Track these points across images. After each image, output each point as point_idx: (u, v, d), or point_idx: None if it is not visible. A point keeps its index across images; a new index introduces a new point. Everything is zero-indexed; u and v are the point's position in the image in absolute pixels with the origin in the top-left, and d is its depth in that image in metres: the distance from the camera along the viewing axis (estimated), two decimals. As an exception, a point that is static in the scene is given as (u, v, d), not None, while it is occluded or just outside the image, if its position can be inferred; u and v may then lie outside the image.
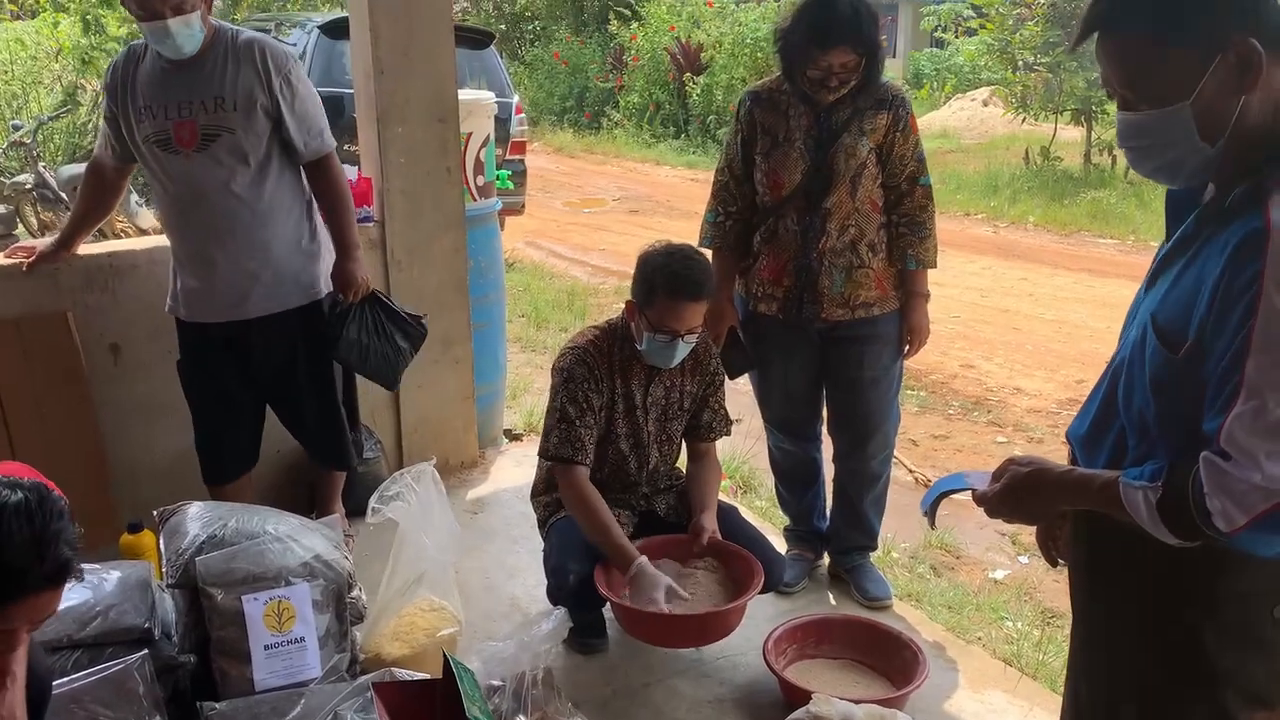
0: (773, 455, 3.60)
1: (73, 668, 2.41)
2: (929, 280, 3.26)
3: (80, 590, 2.50)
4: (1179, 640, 1.59)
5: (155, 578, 2.81)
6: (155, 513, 2.83)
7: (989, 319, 7.45)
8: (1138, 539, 1.54)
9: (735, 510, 3.32)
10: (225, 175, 3.11)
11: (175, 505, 2.82)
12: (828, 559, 3.60)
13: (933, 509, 1.91)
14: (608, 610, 3.09)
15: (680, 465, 3.34)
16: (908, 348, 3.29)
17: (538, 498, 3.29)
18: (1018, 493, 1.68)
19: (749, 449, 4.60)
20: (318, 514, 3.44)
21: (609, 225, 11.06)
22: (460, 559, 3.25)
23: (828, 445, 3.51)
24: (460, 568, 3.27)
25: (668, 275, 2.89)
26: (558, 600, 3.04)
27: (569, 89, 19.43)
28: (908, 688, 2.80)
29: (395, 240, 4.02)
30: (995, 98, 15.94)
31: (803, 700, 2.63)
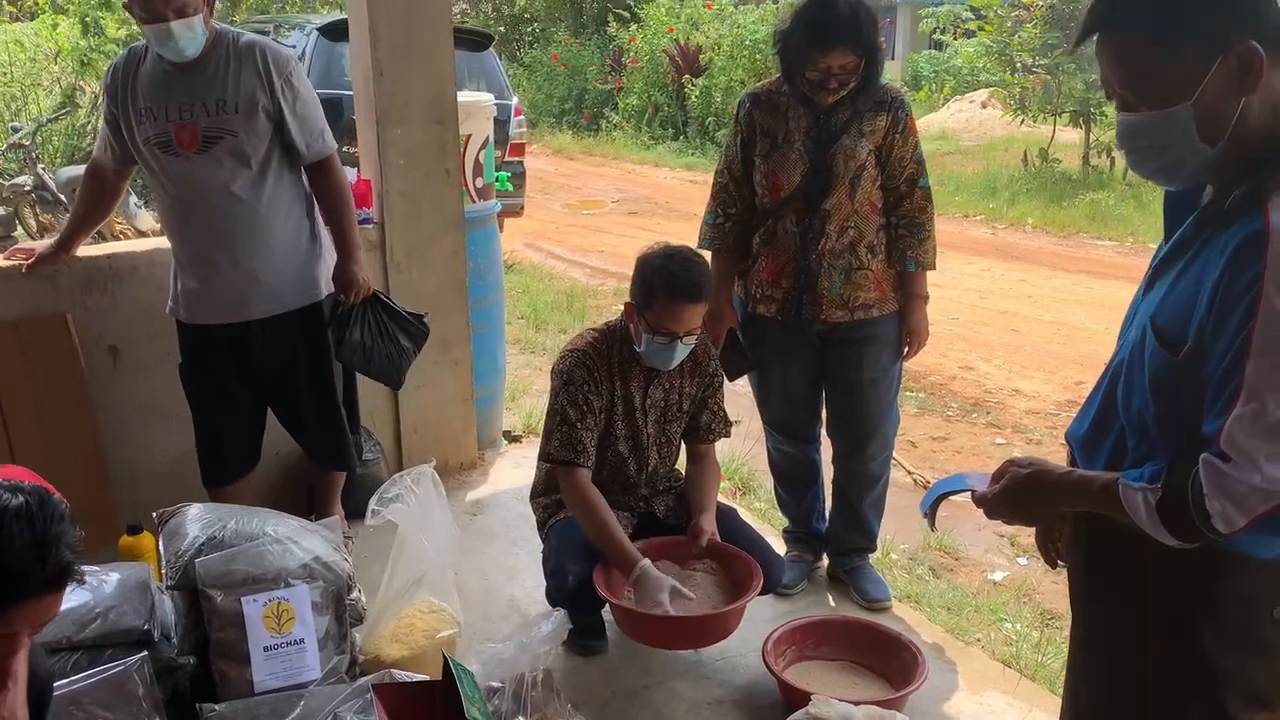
0: (772, 457, 3.60)
1: (72, 669, 2.41)
2: (928, 282, 3.26)
3: (80, 592, 2.50)
4: (1179, 642, 1.59)
5: (155, 579, 2.81)
6: (154, 514, 2.83)
7: (988, 320, 7.45)
8: (1137, 540, 1.54)
9: (734, 512, 3.32)
10: (226, 177, 3.11)
11: (175, 507, 2.82)
12: (827, 560, 3.60)
13: (932, 510, 1.91)
14: (607, 612, 3.09)
15: (679, 467, 3.34)
16: (907, 349, 3.29)
17: (537, 499, 3.29)
18: (1017, 494, 1.68)
19: (748, 450, 4.60)
20: (317, 516, 3.44)
21: (608, 227, 11.06)
22: (459, 561, 3.25)
23: (826, 447, 3.51)
24: (459, 569, 3.27)
25: (666, 277, 2.89)
26: (557, 602, 3.04)
27: (568, 91, 19.45)
28: (907, 689, 2.80)
29: (394, 242, 4.02)
30: (994, 100, 15.94)
31: (802, 702, 2.63)
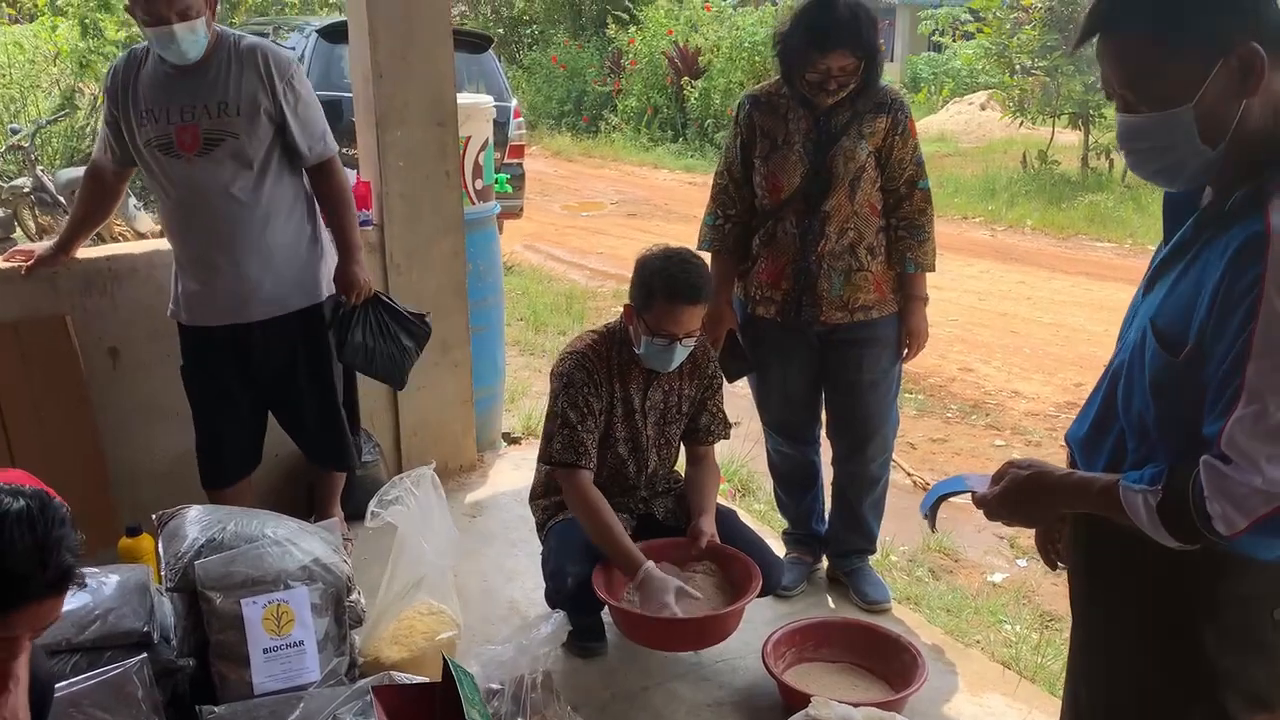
0: (771, 459, 3.60)
1: (71, 671, 2.41)
2: (928, 284, 3.26)
3: (79, 594, 2.49)
4: (1179, 643, 1.59)
5: (154, 581, 2.81)
6: (154, 516, 2.83)
7: (987, 322, 7.45)
8: (1137, 542, 1.54)
9: (734, 513, 3.31)
10: (227, 179, 3.11)
11: (174, 509, 2.82)
12: (826, 562, 3.60)
13: (933, 512, 1.91)
14: (606, 614, 3.09)
15: (679, 469, 3.34)
16: (906, 351, 3.29)
17: (536, 501, 3.28)
18: (1017, 495, 1.68)
19: (747, 452, 4.60)
20: (316, 518, 3.45)
21: (607, 229, 11.06)
22: (459, 563, 3.25)
23: (826, 449, 3.51)
24: (459, 571, 3.27)
25: (666, 279, 2.89)
26: (556, 603, 3.03)
27: (567, 93, 19.46)
28: (906, 691, 2.80)
29: (394, 244, 4.02)
30: (993, 101, 15.95)
31: (802, 704, 2.63)
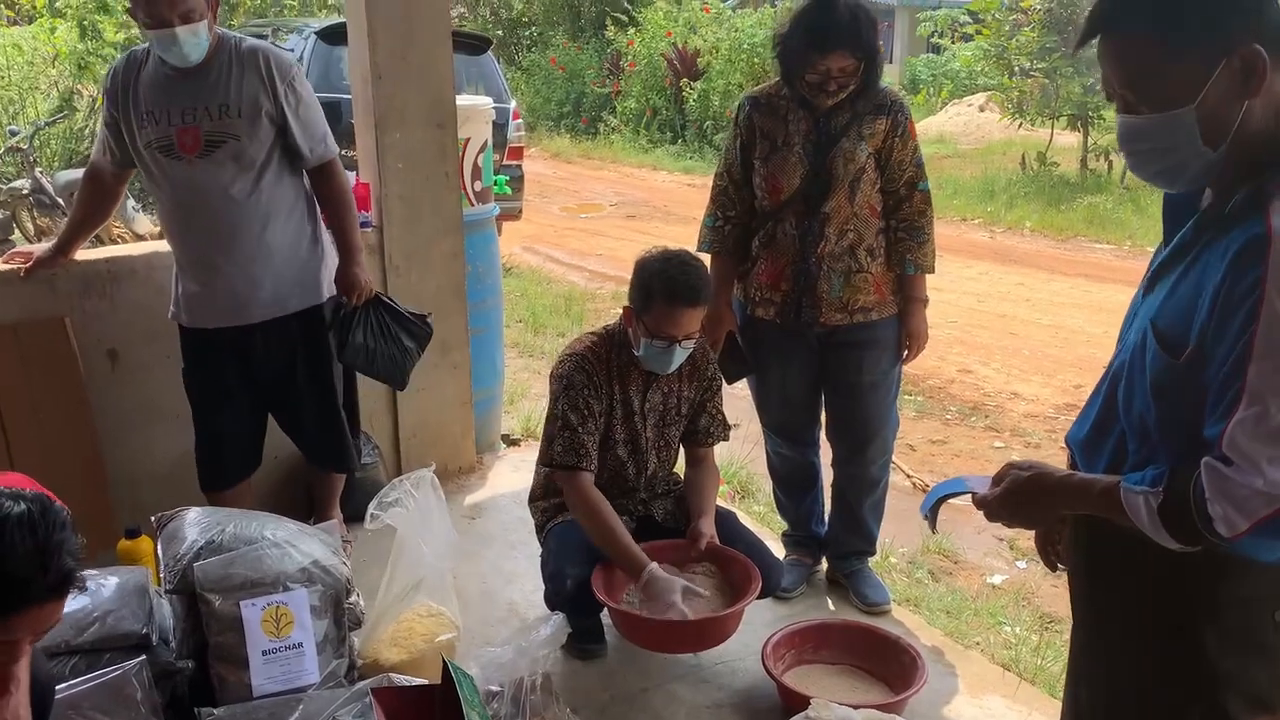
0: (771, 460, 3.59)
1: (70, 673, 2.40)
2: (927, 285, 3.26)
3: (78, 596, 2.49)
4: (1180, 644, 1.59)
5: (153, 583, 2.81)
6: (153, 518, 2.83)
7: (986, 324, 7.45)
8: (1138, 543, 1.54)
9: (733, 515, 3.31)
10: (227, 181, 3.11)
11: (173, 511, 2.82)
12: (826, 564, 3.60)
13: (933, 513, 1.91)
14: (606, 615, 3.08)
15: (678, 470, 3.34)
16: (906, 353, 3.29)
17: (535, 503, 3.28)
18: (1018, 497, 1.68)
19: (747, 454, 4.59)
20: (316, 519, 3.44)
21: (606, 230, 11.06)
22: (458, 565, 3.25)
23: (826, 450, 3.50)
24: (458, 573, 3.27)
25: (665, 281, 2.89)
26: (555, 605, 3.03)
27: (566, 94, 19.46)
28: (906, 693, 2.80)
29: (393, 245, 4.02)
30: (992, 103, 15.96)
31: (801, 705, 2.63)
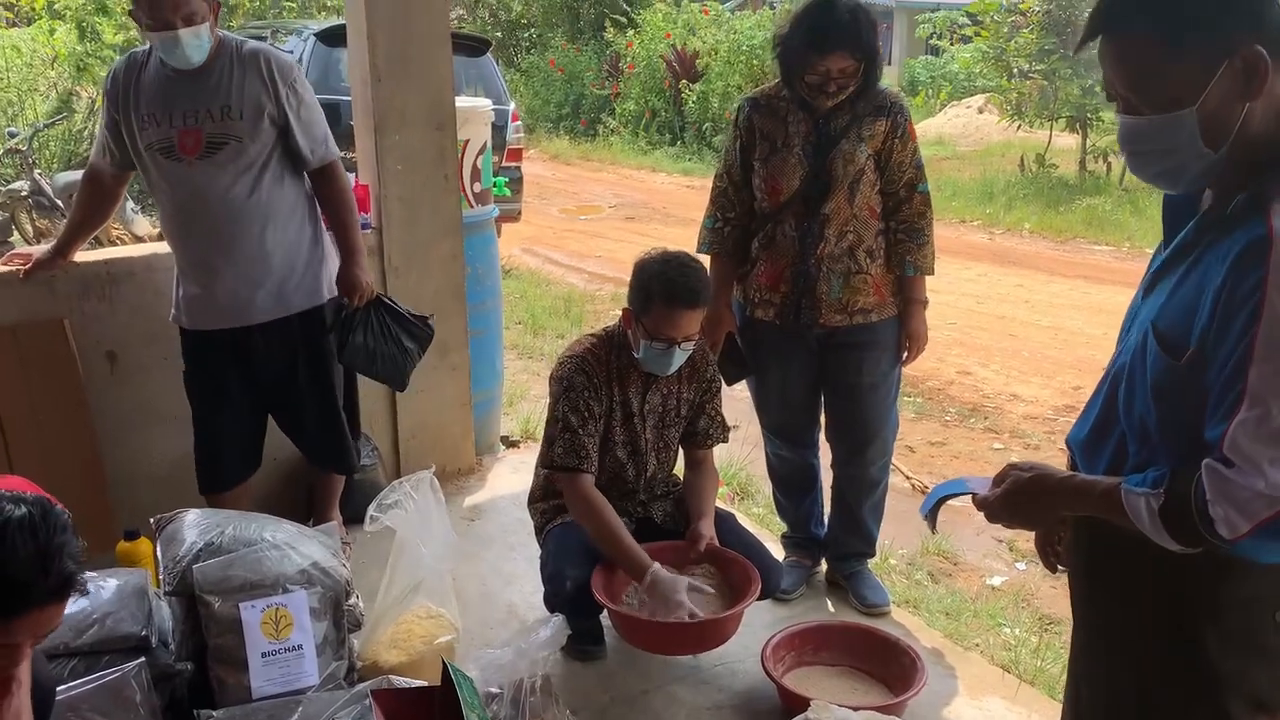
0: (770, 462, 3.59)
1: (69, 676, 2.40)
2: (926, 287, 3.26)
3: (77, 598, 2.49)
4: (1181, 646, 1.59)
5: (152, 585, 2.80)
6: (152, 520, 2.82)
7: (985, 325, 7.46)
8: (1138, 545, 1.54)
9: (732, 517, 3.31)
10: (228, 182, 3.11)
11: (172, 512, 2.81)
12: (825, 566, 3.60)
13: (933, 514, 1.91)
14: (605, 617, 3.08)
15: (677, 472, 3.33)
16: (906, 354, 3.28)
17: (535, 504, 3.28)
18: (1019, 498, 1.68)
19: (746, 455, 4.59)
20: (315, 521, 3.44)
21: (605, 232, 11.06)
22: (457, 566, 3.25)
23: (825, 452, 3.50)
24: (457, 575, 3.26)
25: (664, 283, 2.89)
26: (555, 607, 3.03)
27: (565, 96, 19.46)
28: (906, 694, 2.80)
29: (393, 247, 4.01)
30: (990, 105, 15.96)
31: (801, 707, 2.62)
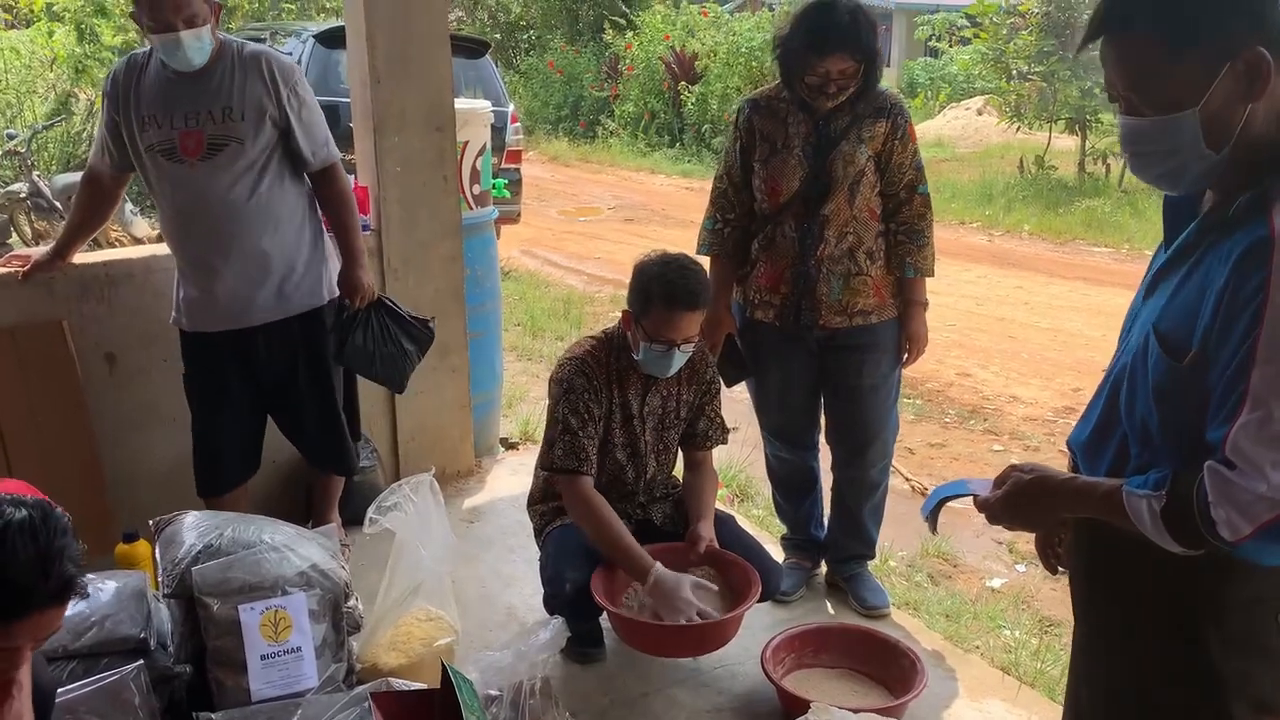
0: (770, 464, 3.59)
1: (68, 678, 2.40)
2: (926, 289, 3.26)
3: (77, 601, 2.48)
4: (1182, 647, 1.58)
5: (151, 587, 2.80)
6: (151, 522, 2.82)
7: (984, 327, 7.46)
8: (1139, 546, 1.54)
9: (732, 519, 3.30)
10: (228, 184, 3.11)
11: (171, 515, 2.81)
12: (825, 568, 3.59)
13: (934, 515, 1.90)
14: (605, 619, 3.08)
15: (677, 474, 3.33)
16: (906, 356, 3.28)
17: (534, 506, 3.27)
18: (1020, 500, 1.67)
19: (746, 457, 4.59)
20: (314, 523, 3.43)
21: (604, 234, 11.06)
22: (457, 568, 3.24)
23: (825, 454, 3.50)
24: (456, 577, 3.26)
25: (664, 285, 2.88)
26: (554, 609, 3.02)
27: (564, 98, 19.46)
28: (906, 697, 2.80)
29: (392, 249, 4.01)
30: (989, 107, 15.97)
31: (801, 710, 2.62)
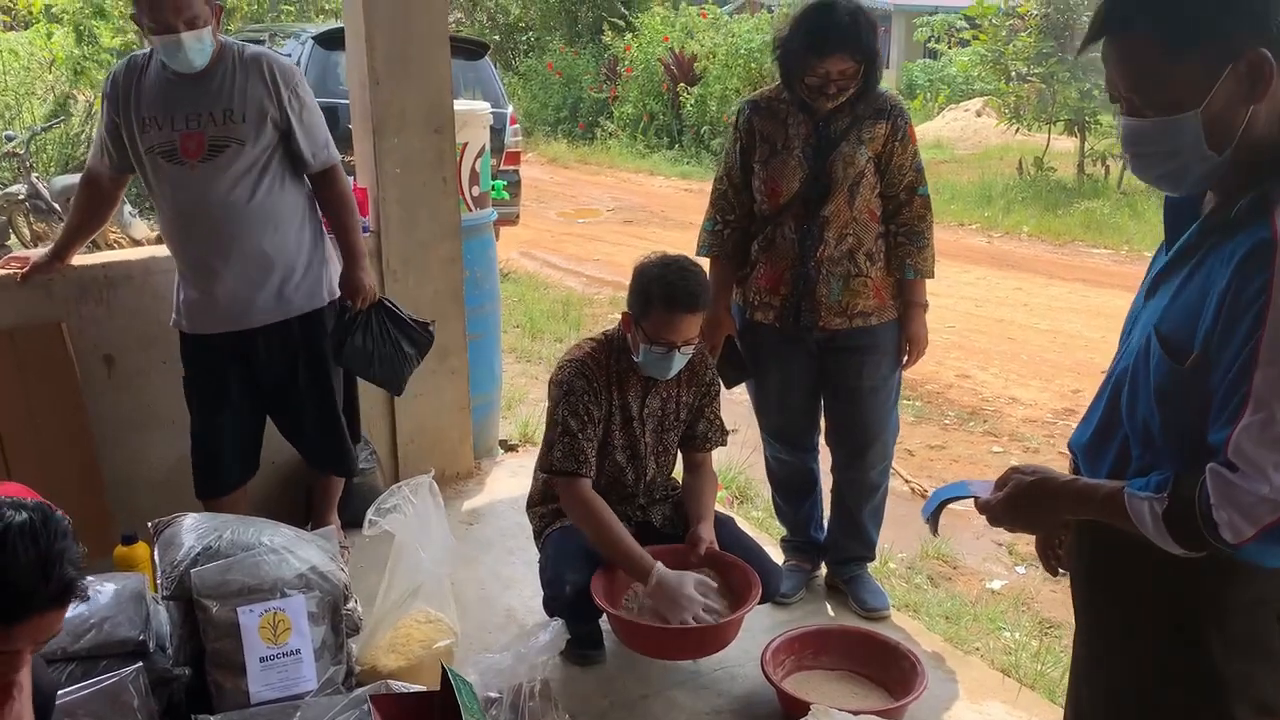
0: (769, 465, 3.59)
1: (67, 681, 2.39)
2: (926, 290, 3.25)
3: (76, 604, 2.48)
4: (1183, 649, 1.58)
5: (150, 590, 2.79)
6: (150, 524, 2.82)
7: (984, 329, 7.45)
8: (1141, 548, 1.53)
9: (732, 520, 3.30)
10: (229, 186, 3.11)
11: (170, 517, 2.81)
12: (825, 570, 3.59)
13: (935, 517, 1.90)
14: (605, 621, 3.07)
15: (676, 476, 3.33)
16: (906, 358, 3.28)
17: (533, 508, 3.27)
18: (1021, 501, 1.67)
19: (745, 459, 4.59)
20: (313, 525, 3.43)
21: (603, 236, 11.05)
22: (456, 570, 3.24)
23: (825, 455, 3.50)
24: (456, 579, 3.26)
25: (664, 287, 2.88)
26: (554, 611, 3.02)
27: (563, 100, 19.46)
28: (906, 699, 2.79)
29: (391, 250, 4.01)
30: (988, 108, 15.97)
31: (801, 712, 2.62)
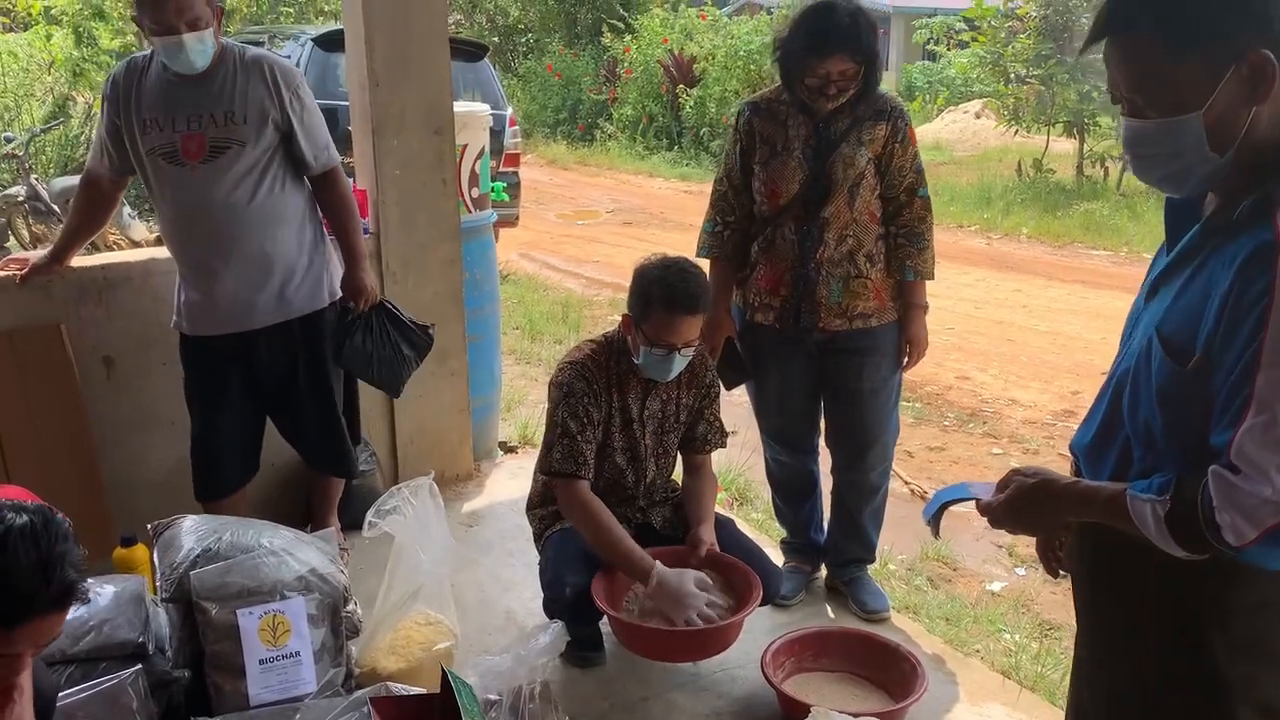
0: (769, 467, 3.58)
1: (66, 683, 2.38)
2: (926, 292, 3.25)
3: (77, 607, 2.48)
4: (1186, 651, 1.58)
5: (149, 592, 2.79)
6: (149, 526, 2.82)
7: (983, 330, 7.46)
8: (1142, 550, 1.53)
9: (732, 522, 3.30)
10: (229, 187, 3.11)
11: (169, 519, 2.81)
12: (825, 571, 3.59)
13: (936, 519, 1.90)
14: (605, 623, 3.07)
15: (676, 478, 3.32)
16: (906, 359, 3.28)
17: (533, 510, 3.27)
18: (1023, 503, 1.67)
19: (745, 460, 4.58)
20: (313, 527, 3.43)
21: (603, 237, 11.06)
22: (456, 572, 3.24)
23: (825, 457, 3.49)
24: (456, 581, 3.25)
25: (664, 289, 2.88)
26: (554, 613, 3.02)
27: (562, 101, 19.48)
28: (906, 701, 2.79)
29: (390, 252, 4.00)
30: (988, 110, 15.98)
31: (801, 714, 2.62)
